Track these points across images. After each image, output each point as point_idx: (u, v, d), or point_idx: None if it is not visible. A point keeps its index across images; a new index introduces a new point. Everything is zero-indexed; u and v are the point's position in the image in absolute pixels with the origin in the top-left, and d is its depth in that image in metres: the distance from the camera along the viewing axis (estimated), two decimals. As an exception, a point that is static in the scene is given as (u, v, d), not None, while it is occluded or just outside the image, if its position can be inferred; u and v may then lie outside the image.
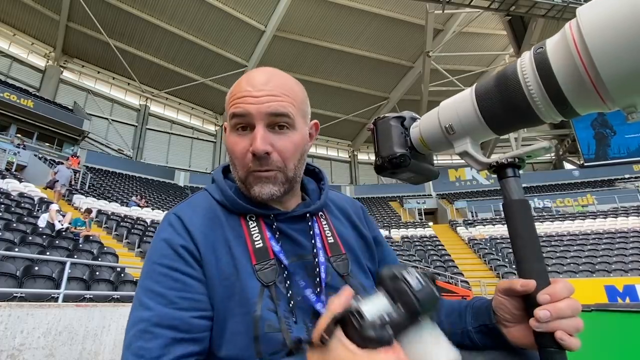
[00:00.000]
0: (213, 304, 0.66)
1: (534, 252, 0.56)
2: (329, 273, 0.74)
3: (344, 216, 0.88)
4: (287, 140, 0.72)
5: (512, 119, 0.56)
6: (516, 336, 0.63)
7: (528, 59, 0.51)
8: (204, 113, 30.57)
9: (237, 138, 0.73)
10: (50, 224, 8.35)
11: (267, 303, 0.66)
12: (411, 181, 0.78)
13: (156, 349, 0.58)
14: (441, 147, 0.67)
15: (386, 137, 0.71)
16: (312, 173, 0.90)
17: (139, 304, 0.64)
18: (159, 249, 0.68)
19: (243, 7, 23.21)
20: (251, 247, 0.70)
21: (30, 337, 3.63)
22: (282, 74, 0.76)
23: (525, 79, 0.51)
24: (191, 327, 0.62)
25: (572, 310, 0.53)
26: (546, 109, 0.51)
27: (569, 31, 0.46)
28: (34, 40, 23.34)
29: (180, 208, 0.75)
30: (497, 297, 0.63)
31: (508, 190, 0.59)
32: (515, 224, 0.58)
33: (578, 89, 0.47)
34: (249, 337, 0.63)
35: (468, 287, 12.47)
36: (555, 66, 0.48)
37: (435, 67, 21.43)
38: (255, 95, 0.70)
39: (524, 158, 0.60)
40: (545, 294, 0.54)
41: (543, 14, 15.20)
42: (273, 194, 0.72)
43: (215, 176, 0.81)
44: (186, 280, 0.65)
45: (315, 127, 0.84)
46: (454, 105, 0.62)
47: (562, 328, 0.52)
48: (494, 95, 0.56)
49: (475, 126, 0.60)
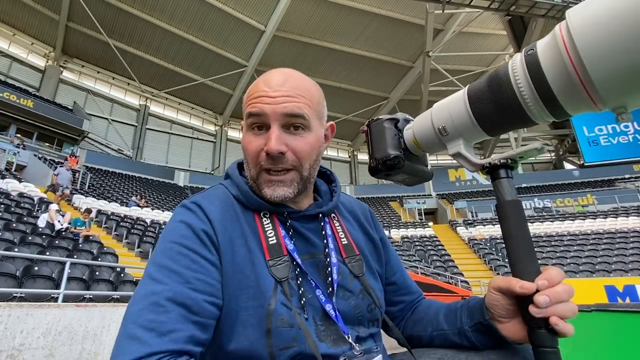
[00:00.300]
0: (225, 294, 0.65)
1: (528, 252, 0.57)
2: (341, 273, 0.75)
3: (353, 218, 0.89)
4: (302, 141, 0.72)
5: (504, 120, 0.56)
6: (511, 331, 0.63)
7: (519, 60, 0.51)
8: (203, 113, 30.54)
9: (252, 137, 0.73)
10: (50, 224, 8.34)
11: (281, 298, 0.66)
12: (406, 183, 0.78)
13: (169, 323, 0.56)
14: (434, 149, 0.67)
15: (380, 139, 0.71)
16: (324, 175, 0.91)
17: (150, 279, 0.61)
18: (178, 229, 0.67)
19: (243, 7, 23.19)
20: (265, 243, 0.71)
21: (30, 337, 3.61)
22: (299, 75, 0.76)
23: (517, 80, 0.51)
24: (203, 311, 0.60)
25: (568, 294, 0.54)
26: (537, 110, 0.51)
27: (558, 33, 0.46)
28: (33, 40, 23.32)
29: (198, 198, 0.74)
30: (491, 294, 0.63)
31: (501, 191, 0.60)
32: (508, 225, 0.58)
33: (568, 90, 0.47)
34: (261, 330, 0.63)
35: (468, 287, 12.48)
36: (546, 67, 0.48)
37: (435, 67, 21.41)
38: (271, 96, 0.70)
39: (516, 159, 0.60)
40: (542, 279, 0.54)
41: (543, 13, 15.19)
42: (286, 196, 0.72)
43: (230, 172, 0.82)
44: (203, 263, 0.64)
45: (331, 129, 0.84)
46: (447, 106, 0.62)
47: (560, 312, 0.53)
48: (486, 97, 0.56)
49: (468, 127, 0.60)
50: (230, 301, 0.65)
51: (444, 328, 0.76)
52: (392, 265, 0.90)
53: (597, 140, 16.39)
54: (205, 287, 0.62)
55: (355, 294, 0.74)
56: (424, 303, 0.89)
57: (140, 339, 0.54)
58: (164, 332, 0.55)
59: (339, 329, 0.69)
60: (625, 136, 16.22)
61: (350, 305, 0.73)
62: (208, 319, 0.61)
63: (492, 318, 0.66)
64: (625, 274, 11.66)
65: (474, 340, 0.70)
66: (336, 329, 0.69)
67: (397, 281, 0.90)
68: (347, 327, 0.71)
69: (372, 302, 0.75)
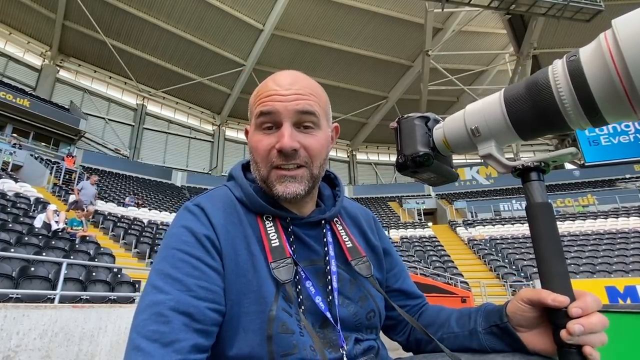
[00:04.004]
0: (227, 299, 0.65)
1: (556, 254, 0.57)
2: (340, 280, 0.75)
3: (355, 224, 0.89)
4: (314, 139, 0.73)
5: (539, 125, 0.57)
6: (530, 341, 0.63)
7: (561, 66, 0.52)
8: (201, 112, 30.50)
9: (262, 136, 0.73)
10: (47, 224, 8.31)
11: (282, 304, 0.66)
12: (431, 182, 0.78)
13: (171, 333, 0.56)
14: (464, 149, 0.68)
15: (410, 136, 0.72)
16: (328, 178, 0.91)
17: (153, 287, 0.61)
18: (180, 235, 0.67)
19: (241, 5, 23.17)
20: (267, 246, 0.71)
21: (26, 339, 3.65)
22: (306, 76, 0.77)
23: (558, 86, 0.51)
24: (205, 318, 0.60)
25: (602, 326, 0.54)
26: (576, 116, 0.52)
27: (604, 41, 0.47)
28: (30, 39, 23.24)
29: (201, 200, 0.74)
30: (518, 304, 0.62)
31: (532, 193, 0.60)
32: (538, 226, 0.59)
33: (610, 98, 0.48)
34: (262, 335, 0.63)
35: (468, 287, 12.46)
36: (589, 74, 0.48)
37: (435, 66, 21.34)
38: (283, 94, 0.71)
39: (549, 162, 0.61)
40: (577, 307, 0.54)
41: (543, 12, 15.13)
42: (298, 194, 0.72)
43: (234, 173, 0.81)
44: (205, 270, 0.64)
45: (336, 130, 0.85)
46: (482, 108, 0.63)
47: (591, 342, 0.53)
48: (523, 100, 0.56)
49: (502, 130, 0.60)
50: (233, 306, 0.65)
51: (454, 330, 0.76)
52: (397, 272, 0.91)
53: (597, 140, 16.38)
54: (207, 294, 0.62)
55: (355, 301, 0.75)
56: (433, 307, 0.89)
57: (144, 350, 0.54)
58: (167, 343, 0.55)
59: (338, 335, 0.70)
60: (626, 136, 16.21)
61: (350, 312, 0.74)
62: (211, 326, 0.61)
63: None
64: (626, 275, 11.68)
65: (484, 343, 0.69)
66: (335, 335, 0.70)
67: (401, 287, 0.91)
68: (346, 333, 0.72)
69: (371, 309, 0.76)
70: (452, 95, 28.15)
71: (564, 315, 0.55)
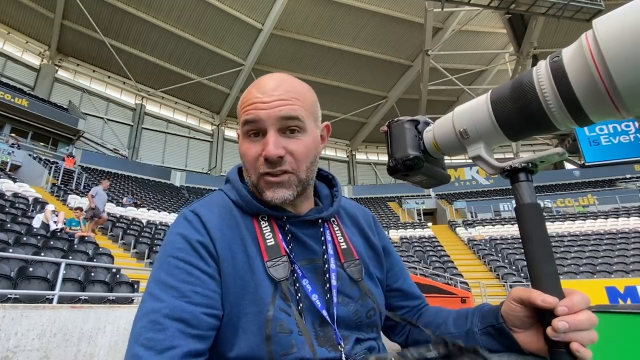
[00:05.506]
0: (226, 302, 0.66)
1: (545, 254, 0.57)
2: (340, 278, 0.76)
3: (354, 224, 0.90)
4: (300, 144, 0.73)
5: (526, 126, 0.57)
6: (524, 341, 0.63)
7: (544, 67, 0.52)
8: (200, 112, 30.49)
9: (249, 144, 0.74)
10: (45, 225, 8.28)
11: (280, 303, 0.67)
12: (423, 185, 0.79)
13: (166, 341, 0.58)
14: (454, 151, 0.68)
15: (400, 139, 0.72)
16: (326, 179, 0.92)
17: (150, 295, 0.63)
18: (174, 242, 0.68)
19: (240, 5, 23.17)
20: (263, 245, 0.72)
21: (24, 339, 3.64)
22: (291, 78, 0.77)
23: (542, 87, 0.52)
24: (200, 323, 0.61)
25: (589, 324, 0.54)
26: (561, 117, 0.52)
27: (585, 41, 0.47)
28: (28, 39, 23.22)
29: (197, 206, 0.75)
30: (510, 304, 0.63)
31: (520, 194, 0.60)
32: (527, 227, 0.59)
33: (593, 98, 0.48)
34: (261, 336, 0.64)
35: (467, 288, 12.43)
36: (571, 74, 0.49)
37: (435, 65, 21.31)
38: (265, 101, 0.71)
39: (537, 163, 0.61)
40: (563, 306, 0.54)
41: (543, 12, 15.13)
42: (286, 199, 0.72)
43: (230, 176, 0.83)
44: (200, 276, 0.65)
45: (327, 130, 0.85)
46: (469, 110, 0.63)
47: (578, 340, 0.53)
48: (509, 102, 0.57)
49: (490, 131, 0.61)
50: (232, 308, 0.66)
51: (451, 331, 0.76)
52: (397, 271, 0.92)
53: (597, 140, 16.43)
54: (202, 300, 0.63)
55: (355, 300, 0.76)
56: (432, 309, 0.89)
57: (141, 358, 0.56)
58: (162, 350, 0.57)
59: (337, 334, 0.71)
60: (626, 136, 16.26)
61: (350, 311, 0.74)
62: (207, 330, 0.63)
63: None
64: (627, 275, 11.66)
65: (481, 343, 0.69)
66: (335, 334, 0.70)
67: (401, 287, 0.91)
68: (346, 332, 0.72)
69: (371, 308, 0.77)
70: (452, 95, 28.13)
71: (551, 315, 0.55)
